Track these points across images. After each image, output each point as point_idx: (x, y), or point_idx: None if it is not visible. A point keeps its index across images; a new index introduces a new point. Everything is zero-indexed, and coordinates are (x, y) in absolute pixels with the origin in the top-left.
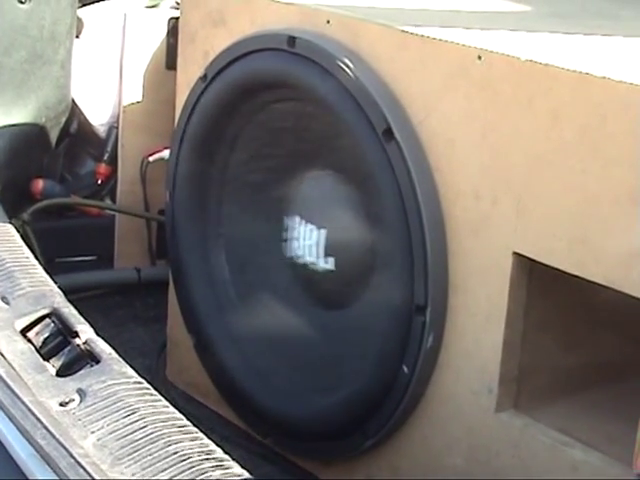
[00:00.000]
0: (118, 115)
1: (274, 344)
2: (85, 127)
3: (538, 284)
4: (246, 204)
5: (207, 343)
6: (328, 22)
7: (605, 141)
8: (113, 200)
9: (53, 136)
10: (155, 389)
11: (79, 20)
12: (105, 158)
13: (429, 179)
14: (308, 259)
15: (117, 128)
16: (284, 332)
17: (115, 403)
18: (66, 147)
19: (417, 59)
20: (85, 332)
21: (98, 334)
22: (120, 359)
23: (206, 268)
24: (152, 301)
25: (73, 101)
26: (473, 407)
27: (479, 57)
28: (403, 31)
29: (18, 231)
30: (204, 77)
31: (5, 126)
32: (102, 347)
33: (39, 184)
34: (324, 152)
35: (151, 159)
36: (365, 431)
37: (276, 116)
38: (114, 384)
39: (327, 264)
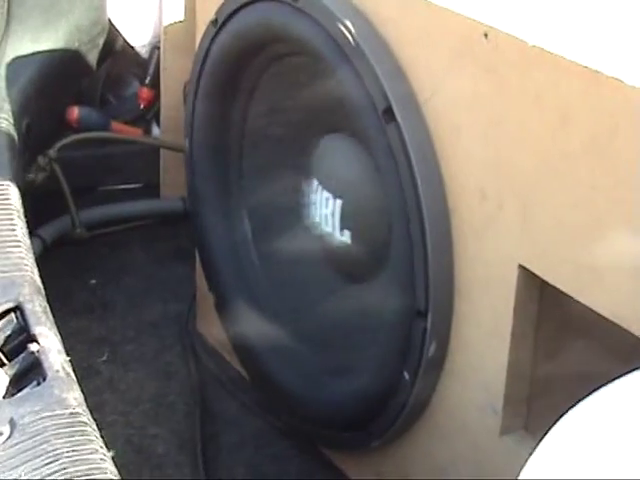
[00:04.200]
0: (159, 35)
1: (291, 315)
2: (126, 48)
3: (552, 300)
4: (266, 158)
5: (226, 304)
6: None
7: (617, 155)
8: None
9: (91, 59)
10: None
11: None
12: (147, 81)
13: (434, 169)
14: (325, 229)
15: (159, 49)
16: (303, 303)
17: (40, 445)
18: (108, 68)
19: (422, 27)
20: (43, 336)
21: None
22: (67, 375)
23: (227, 226)
24: None
25: (110, 22)
26: (478, 425)
27: (485, 35)
28: None
29: (44, 170)
30: (215, 21)
31: (33, 53)
32: (52, 360)
33: (74, 112)
34: (337, 116)
35: None
36: (371, 431)
37: (289, 69)
38: (47, 417)
39: (343, 237)
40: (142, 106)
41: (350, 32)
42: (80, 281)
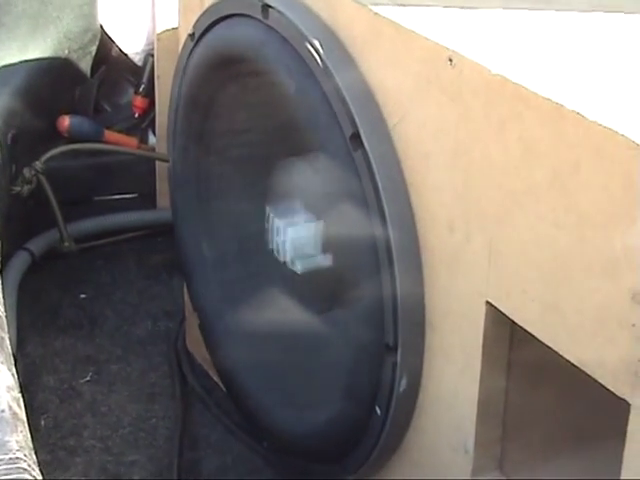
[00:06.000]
0: (153, 42)
1: (267, 342)
2: (121, 55)
3: (524, 339)
4: (232, 181)
5: (207, 326)
6: None
7: (579, 193)
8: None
9: (83, 67)
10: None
11: None
12: (141, 90)
13: (403, 199)
14: (281, 256)
15: (153, 56)
16: (275, 331)
17: None
18: (103, 75)
19: (391, 50)
20: None
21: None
22: (13, 416)
23: (203, 250)
24: None
25: (102, 29)
26: (451, 464)
27: (450, 60)
28: (376, 14)
29: (30, 182)
30: (192, 35)
31: (21, 62)
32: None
33: (65, 121)
34: (295, 141)
35: None
36: (345, 465)
37: (258, 88)
38: None
39: (295, 266)
40: (137, 114)
41: (318, 52)
42: (69, 296)
